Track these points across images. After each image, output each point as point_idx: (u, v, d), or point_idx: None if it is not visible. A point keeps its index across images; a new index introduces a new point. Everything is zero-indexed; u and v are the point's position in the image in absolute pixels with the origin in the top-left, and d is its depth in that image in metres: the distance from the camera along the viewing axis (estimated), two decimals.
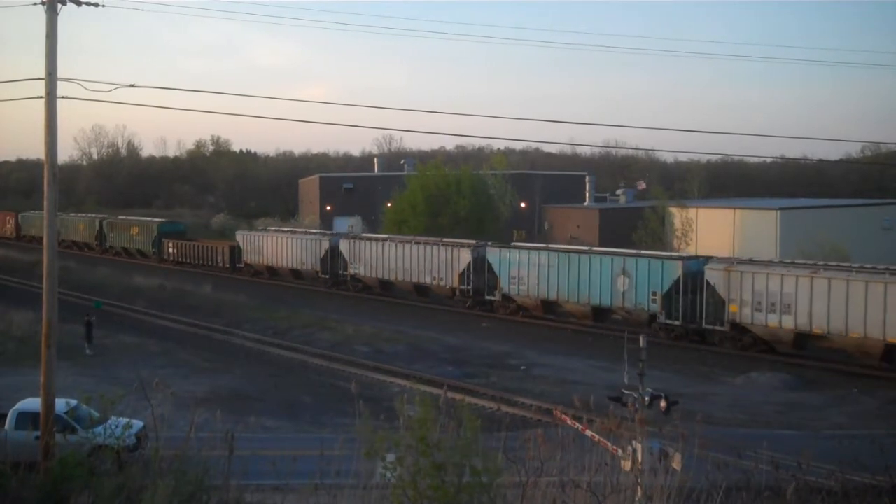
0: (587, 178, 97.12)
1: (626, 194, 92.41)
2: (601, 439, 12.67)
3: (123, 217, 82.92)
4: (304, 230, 65.50)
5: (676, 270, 38.05)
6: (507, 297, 45.43)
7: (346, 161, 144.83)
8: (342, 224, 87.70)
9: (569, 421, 15.46)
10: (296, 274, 58.89)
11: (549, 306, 44.00)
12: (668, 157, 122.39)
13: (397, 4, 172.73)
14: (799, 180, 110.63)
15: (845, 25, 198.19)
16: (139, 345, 38.08)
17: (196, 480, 10.75)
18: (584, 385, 31.21)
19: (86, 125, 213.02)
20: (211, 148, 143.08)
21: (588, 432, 13.50)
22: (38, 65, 16.94)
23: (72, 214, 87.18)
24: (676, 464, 11.27)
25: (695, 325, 37.65)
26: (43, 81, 16.99)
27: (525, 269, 43.90)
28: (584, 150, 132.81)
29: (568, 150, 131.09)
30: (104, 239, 79.65)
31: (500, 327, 44.05)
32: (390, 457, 9.12)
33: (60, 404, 18.73)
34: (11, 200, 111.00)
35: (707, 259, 38.92)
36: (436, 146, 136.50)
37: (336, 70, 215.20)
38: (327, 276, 55.91)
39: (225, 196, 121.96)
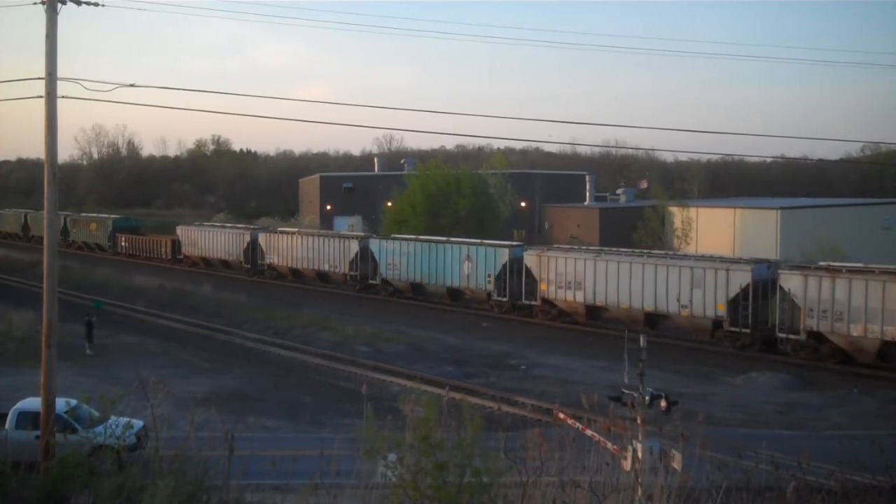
0: (587, 178, 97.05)
1: (627, 194, 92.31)
2: (601, 439, 12.68)
3: (84, 214, 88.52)
4: (232, 225, 72.28)
5: (504, 256, 45.77)
6: (385, 281, 52.71)
7: (347, 161, 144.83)
8: (342, 224, 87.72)
9: (569, 421, 15.47)
10: (225, 264, 65.49)
11: (416, 288, 51.40)
12: (668, 157, 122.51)
13: (399, 4, 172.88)
14: (799, 180, 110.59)
15: (845, 25, 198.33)
16: (139, 345, 38.07)
17: (196, 480, 10.75)
18: (584, 385, 31.19)
19: (86, 125, 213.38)
20: (211, 147, 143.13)
21: (588, 432, 13.50)
22: (38, 65, 16.95)
23: (40, 212, 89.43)
24: (676, 464, 11.27)
25: (519, 301, 44.95)
26: (43, 81, 16.99)
27: (398, 257, 51.53)
28: (584, 150, 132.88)
29: (568, 149, 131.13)
30: (67, 234, 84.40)
31: (500, 327, 44.08)
32: (392, 456, 9.12)
33: (60, 404, 18.73)
34: (11, 200, 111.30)
35: (522, 248, 47.43)
36: (436, 146, 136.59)
37: (337, 70, 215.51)
38: (249, 266, 62.57)
39: (225, 196, 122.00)
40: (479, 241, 50.82)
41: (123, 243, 76.89)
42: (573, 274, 42.04)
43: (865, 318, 31.88)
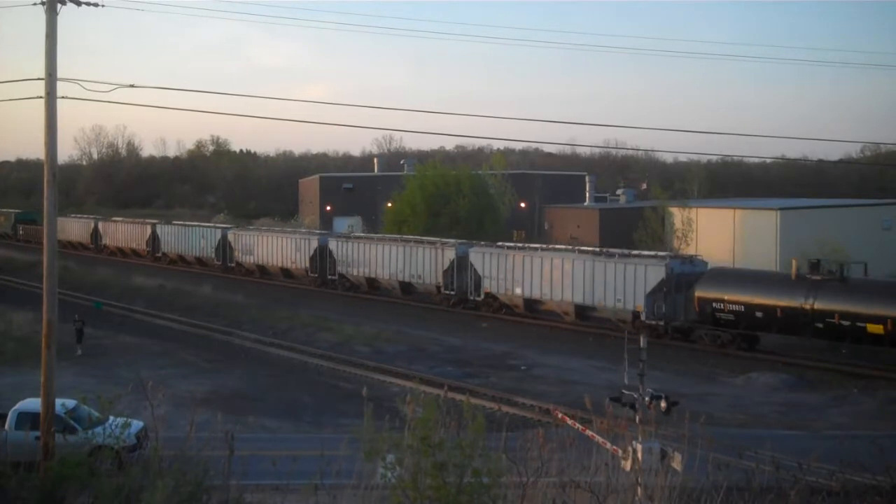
0: (587, 178, 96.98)
1: (626, 195, 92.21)
2: (602, 440, 12.67)
3: None
4: (77, 216, 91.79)
5: (218, 234, 67.46)
6: (164, 254, 73.34)
7: (346, 161, 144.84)
8: (342, 224, 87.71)
9: (569, 421, 15.47)
10: (82, 245, 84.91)
11: (181, 258, 71.47)
12: (668, 158, 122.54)
13: (397, 4, 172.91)
14: (799, 180, 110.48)
15: (845, 25, 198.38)
16: (139, 345, 38.07)
17: (196, 480, 10.73)
18: (584, 385, 31.19)
19: (86, 125, 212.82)
20: (211, 148, 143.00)
21: (588, 432, 13.50)
22: (38, 65, 16.96)
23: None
24: (676, 464, 11.27)
25: (228, 265, 65.86)
26: (43, 81, 16.97)
27: (172, 238, 72.87)
28: (584, 150, 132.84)
29: (568, 150, 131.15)
30: None
31: (500, 327, 44.09)
32: (391, 457, 9.11)
33: (56, 406, 18.62)
34: (11, 200, 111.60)
35: (230, 228, 69.01)
36: (436, 146, 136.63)
37: (336, 70, 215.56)
38: (93, 246, 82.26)
39: (225, 196, 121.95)
40: (212, 224, 75.48)
41: (21, 232, 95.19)
42: (253, 245, 63.45)
43: (360, 265, 54.50)
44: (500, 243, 50.55)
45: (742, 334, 36.71)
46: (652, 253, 44.26)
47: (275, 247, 61.18)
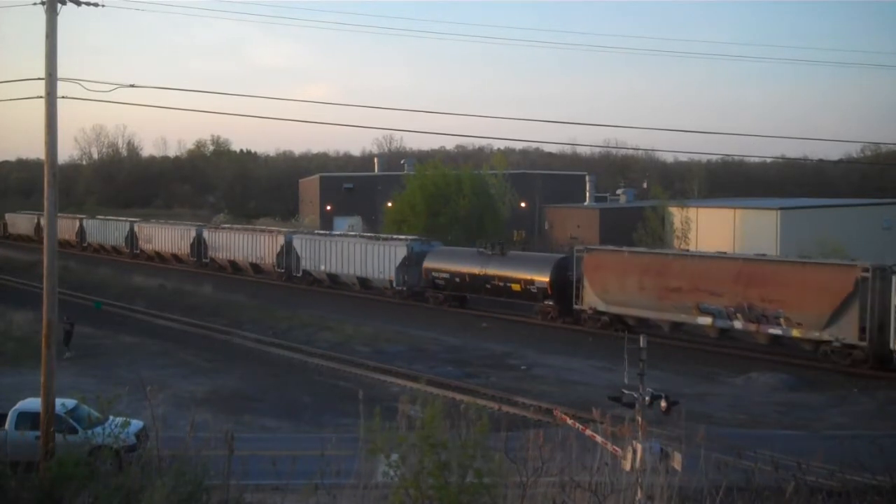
0: (587, 178, 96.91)
1: (627, 194, 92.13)
2: (603, 440, 12.66)
3: None
4: (25, 212, 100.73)
5: (127, 227, 79.70)
6: (89, 244, 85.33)
7: (346, 161, 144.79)
8: (342, 224, 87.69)
9: (569, 421, 15.47)
10: (28, 238, 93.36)
11: (101, 247, 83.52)
12: (668, 157, 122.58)
13: (397, 4, 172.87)
14: (799, 180, 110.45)
15: (845, 25, 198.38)
16: (139, 344, 38.06)
17: (195, 480, 10.73)
18: (584, 385, 31.24)
19: (86, 125, 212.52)
20: (211, 148, 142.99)
21: (588, 432, 13.50)
22: (38, 65, 16.95)
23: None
24: (676, 464, 11.27)
25: (134, 251, 77.69)
26: (43, 81, 16.97)
27: (96, 231, 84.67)
28: (584, 150, 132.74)
29: (568, 150, 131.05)
30: None
31: (500, 327, 44.13)
32: (395, 456, 9.11)
33: (56, 406, 18.61)
34: (11, 200, 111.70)
35: (136, 222, 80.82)
36: (436, 146, 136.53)
37: (336, 70, 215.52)
38: (36, 238, 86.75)
39: (225, 196, 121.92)
40: (124, 218, 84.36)
41: None
42: (152, 236, 75.74)
43: (224, 250, 66.58)
44: (317, 231, 63.41)
45: (451, 295, 49.45)
46: (403, 237, 56.28)
47: (167, 236, 73.74)
